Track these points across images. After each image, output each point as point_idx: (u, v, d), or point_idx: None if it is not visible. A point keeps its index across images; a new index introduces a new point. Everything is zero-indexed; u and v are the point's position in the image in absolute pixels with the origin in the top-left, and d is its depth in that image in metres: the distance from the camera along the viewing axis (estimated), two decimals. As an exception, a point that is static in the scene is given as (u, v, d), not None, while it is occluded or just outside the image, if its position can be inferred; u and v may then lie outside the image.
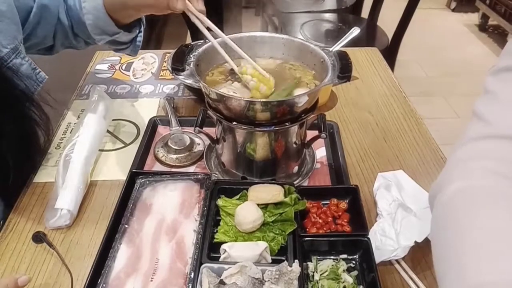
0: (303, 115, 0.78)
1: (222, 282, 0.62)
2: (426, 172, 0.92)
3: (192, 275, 0.65)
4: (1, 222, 0.81)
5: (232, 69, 0.83)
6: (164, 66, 1.28)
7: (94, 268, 0.67)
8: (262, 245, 0.68)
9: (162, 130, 1.03)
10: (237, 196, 0.77)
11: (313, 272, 0.69)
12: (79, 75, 1.24)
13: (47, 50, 0.98)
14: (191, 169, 0.92)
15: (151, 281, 0.66)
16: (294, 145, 0.84)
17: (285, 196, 0.75)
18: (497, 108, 0.52)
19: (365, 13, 2.46)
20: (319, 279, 0.68)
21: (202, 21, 0.78)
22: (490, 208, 0.44)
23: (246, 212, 0.71)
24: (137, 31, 0.96)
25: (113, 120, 1.05)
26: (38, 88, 0.86)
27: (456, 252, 0.43)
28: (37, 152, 0.92)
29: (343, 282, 0.67)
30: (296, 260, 0.64)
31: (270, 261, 0.68)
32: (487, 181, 0.47)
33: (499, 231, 0.42)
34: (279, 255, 0.69)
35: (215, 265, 0.65)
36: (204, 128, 0.82)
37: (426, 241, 0.72)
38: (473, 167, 0.50)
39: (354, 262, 0.71)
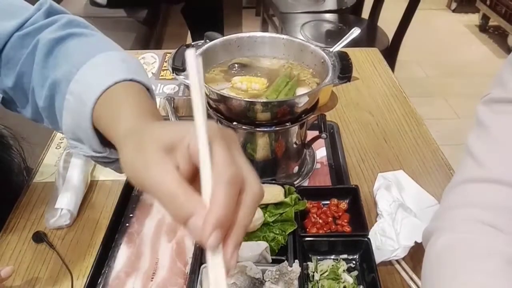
0: (303, 116, 0.78)
1: (222, 282, 0.62)
2: (427, 172, 0.92)
3: (192, 275, 0.65)
4: None
5: (231, 65, 0.84)
6: (165, 66, 1.28)
7: (94, 268, 0.67)
8: (262, 245, 0.68)
9: (162, 130, 1.03)
10: (237, 196, 0.77)
11: (313, 272, 0.69)
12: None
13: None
14: (191, 169, 0.92)
15: (151, 281, 0.66)
16: (295, 145, 0.84)
17: (285, 196, 0.75)
18: (489, 148, 0.53)
19: (365, 13, 2.46)
20: (319, 279, 0.68)
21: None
22: (471, 266, 0.47)
23: (246, 212, 0.71)
24: None
25: (113, 120, 1.05)
26: None
27: None
28: (12, 176, 0.90)
29: (343, 282, 0.67)
30: (296, 260, 0.64)
31: (270, 261, 0.68)
32: (472, 235, 0.49)
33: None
34: (279, 255, 0.69)
35: (215, 265, 0.65)
36: (204, 128, 0.81)
37: (426, 242, 0.72)
38: (461, 216, 0.52)
39: (354, 262, 0.71)
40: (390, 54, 2.10)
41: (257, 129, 0.77)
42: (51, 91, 0.57)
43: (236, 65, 0.86)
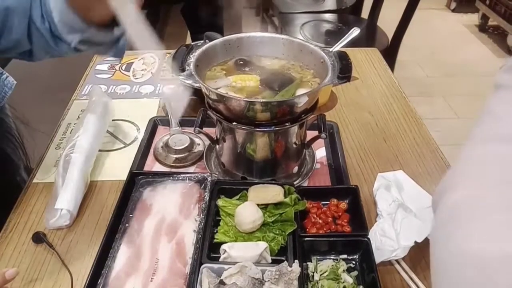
0: (303, 116, 0.78)
1: (222, 282, 0.63)
2: (426, 172, 0.92)
3: (192, 275, 0.65)
4: None
5: (236, 61, 0.86)
6: (165, 66, 1.28)
7: (94, 268, 0.67)
8: (262, 245, 0.68)
9: (162, 130, 1.03)
10: (237, 196, 0.77)
11: (313, 272, 0.69)
12: (79, 75, 1.24)
13: (27, 55, 0.88)
14: (191, 169, 0.92)
15: (151, 281, 0.66)
16: (294, 146, 0.84)
17: (285, 197, 0.75)
18: (509, 106, 0.49)
19: (365, 13, 2.46)
20: (319, 279, 0.68)
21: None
22: (488, 220, 0.43)
23: (246, 212, 0.71)
24: (119, 32, 0.83)
25: (113, 120, 1.05)
26: (6, 95, 0.82)
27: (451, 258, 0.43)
28: (13, 172, 0.90)
29: (343, 282, 0.67)
30: (296, 260, 0.64)
31: (270, 261, 0.68)
32: (491, 192, 0.45)
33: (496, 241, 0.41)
34: (279, 255, 0.69)
35: (215, 265, 0.65)
36: (204, 128, 0.82)
37: (426, 241, 0.72)
38: (478, 173, 0.48)
39: (354, 262, 0.71)
40: (390, 54, 2.10)
41: (257, 129, 0.77)
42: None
43: (241, 61, 0.86)
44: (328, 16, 2.40)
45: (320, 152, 0.96)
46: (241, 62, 0.86)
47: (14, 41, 0.83)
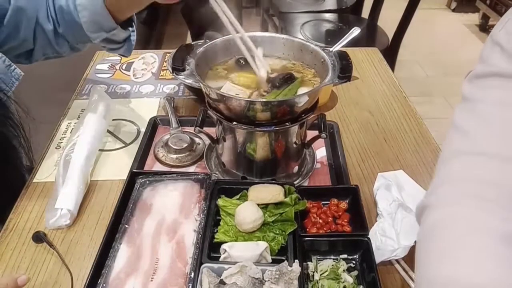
0: (303, 115, 0.78)
1: (222, 282, 0.62)
2: (426, 172, 0.92)
3: (192, 275, 0.65)
4: None
5: (238, 61, 0.86)
6: (164, 66, 1.28)
7: (94, 268, 0.67)
8: (262, 245, 0.68)
9: (162, 130, 1.03)
10: (237, 196, 0.77)
11: (313, 272, 0.69)
12: (79, 75, 1.24)
13: (24, 57, 0.93)
14: (191, 169, 0.92)
15: (151, 281, 0.66)
16: (294, 145, 0.84)
17: (285, 196, 0.75)
18: (476, 121, 0.52)
19: (365, 13, 2.46)
20: (319, 279, 0.68)
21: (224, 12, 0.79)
22: (464, 241, 0.46)
23: (246, 212, 0.71)
24: (130, 29, 0.93)
25: (113, 120, 1.05)
26: (13, 86, 0.84)
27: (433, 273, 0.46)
28: (16, 167, 0.91)
29: (343, 282, 0.67)
30: (296, 260, 0.64)
31: (270, 261, 0.68)
32: (466, 209, 0.48)
33: (474, 261, 0.44)
34: (279, 255, 0.69)
35: (215, 265, 0.65)
36: (204, 128, 0.82)
37: (426, 241, 0.72)
38: (455, 191, 0.51)
39: (354, 262, 0.71)
40: (390, 53, 2.10)
41: (257, 129, 0.77)
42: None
43: (242, 61, 0.86)
44: (328, 15, 2.40)
45: (321, 152, 0.96)
46: (242, 62, 0.86)
47: (21, 40, 0.88)
